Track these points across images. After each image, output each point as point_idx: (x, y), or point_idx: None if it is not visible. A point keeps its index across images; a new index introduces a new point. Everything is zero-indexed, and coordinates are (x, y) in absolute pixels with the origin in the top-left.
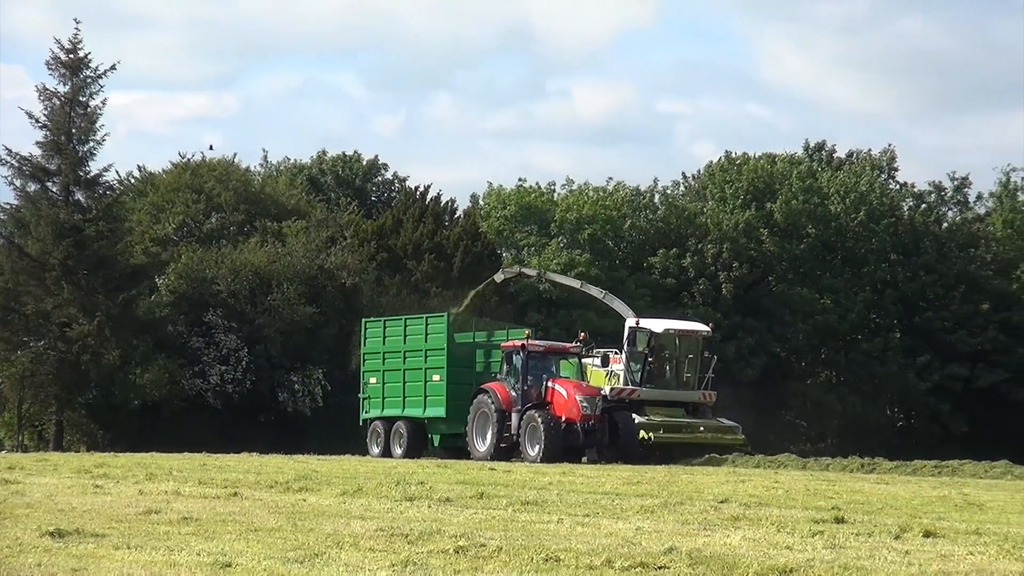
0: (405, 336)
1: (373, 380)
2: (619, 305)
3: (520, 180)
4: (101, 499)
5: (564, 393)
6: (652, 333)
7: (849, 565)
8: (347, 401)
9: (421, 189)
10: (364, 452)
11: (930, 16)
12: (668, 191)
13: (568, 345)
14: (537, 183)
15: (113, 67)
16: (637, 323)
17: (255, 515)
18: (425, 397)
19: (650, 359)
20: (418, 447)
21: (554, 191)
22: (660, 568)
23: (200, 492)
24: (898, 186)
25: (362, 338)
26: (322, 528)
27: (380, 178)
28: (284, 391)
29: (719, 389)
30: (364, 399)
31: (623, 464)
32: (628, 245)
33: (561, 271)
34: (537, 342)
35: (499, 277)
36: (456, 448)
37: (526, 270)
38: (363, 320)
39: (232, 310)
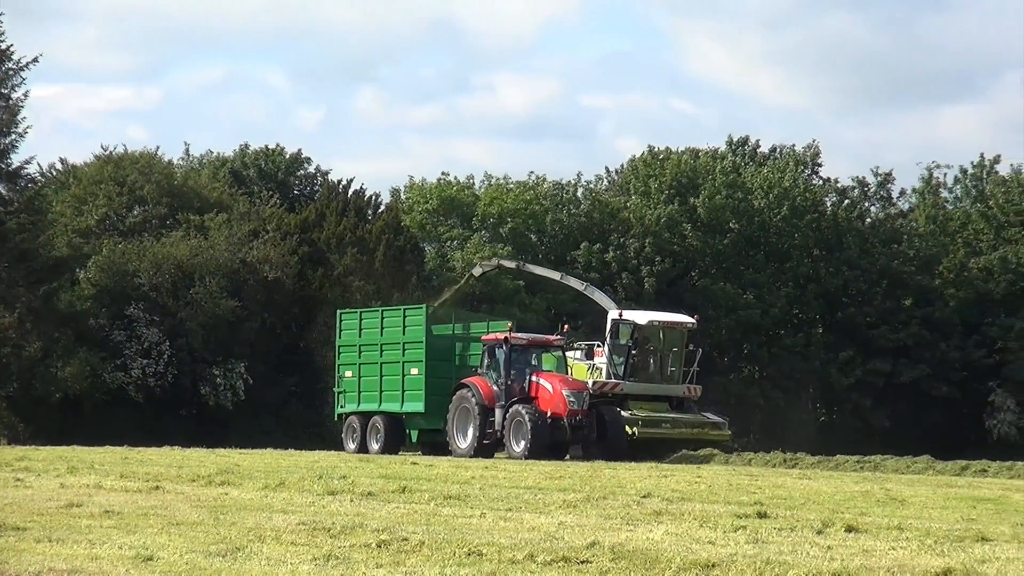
0: (382, 328)
1: (349, 374)
2: (600, 297)
3: (443, 174)
4: (22, 492)
5: (549, 387)
6: (636, 325)
7: (771, 560)
8: (269, 395)
9: (344, 183)
10: (285, 446)
11: (855, 12)
12: (591, 186)
13: (551, 338)
14: (456, 177)
15: (36, 59)
16: (620, 315)
17: (177, 509)
18: (403, 391)
19: (633, 352)
20: (396, 443)
21: (473, 185)
22: (583, 562)
23: (122, 486)
24: (822, 181)
25: (337, 330)
26: (244, 522)
27: (303, 172)
28: (206, 385)
29: None
30: (339, 393)
31: (611, 461)
32: (551, 239)
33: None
34: (520, 335)
35: (477, 271)
36: (435, 444)
37: (504, 262)
38: (338, 311)
39: (154, 303)
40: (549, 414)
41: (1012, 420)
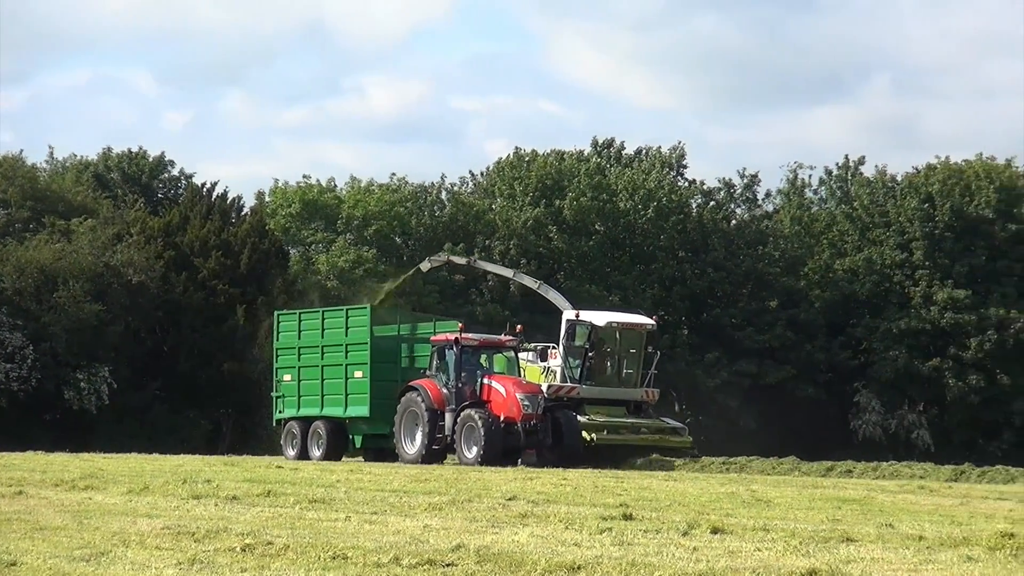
0: (323, 330)
1: (288, 377)
2: (555, 296)
3: (304, 177)
4: None
5: (503, 391)
6: (593, 327)
7: (637, 562)
8: (134, 399)
9: (208, 186)
10: (149, 450)
11: (723, 14)
12: (456, 188)
13: (504, 338)
14: (318, 180)
15: None
16: (577, 316)
17: (40, 514)
18: (346, 395)
19: (590, 354)
20: (338, 449)
21: (335, 188)
22: (448, 565)
23: None
24: (687, 183)
25: (275, 332)
26: (108, 526)
27: (167, 175)
28: (70, 389)
29: None
30: (277, 398)
31: (566, 468)
32: (416, 242)
33: (350, 268)
34: (471, 335)
35: (425, 266)
36: (379, 449)
37: (455, 258)
38: (276, 312)
39: (17, 308)
40: (502, 418)
41: (877, 421)
